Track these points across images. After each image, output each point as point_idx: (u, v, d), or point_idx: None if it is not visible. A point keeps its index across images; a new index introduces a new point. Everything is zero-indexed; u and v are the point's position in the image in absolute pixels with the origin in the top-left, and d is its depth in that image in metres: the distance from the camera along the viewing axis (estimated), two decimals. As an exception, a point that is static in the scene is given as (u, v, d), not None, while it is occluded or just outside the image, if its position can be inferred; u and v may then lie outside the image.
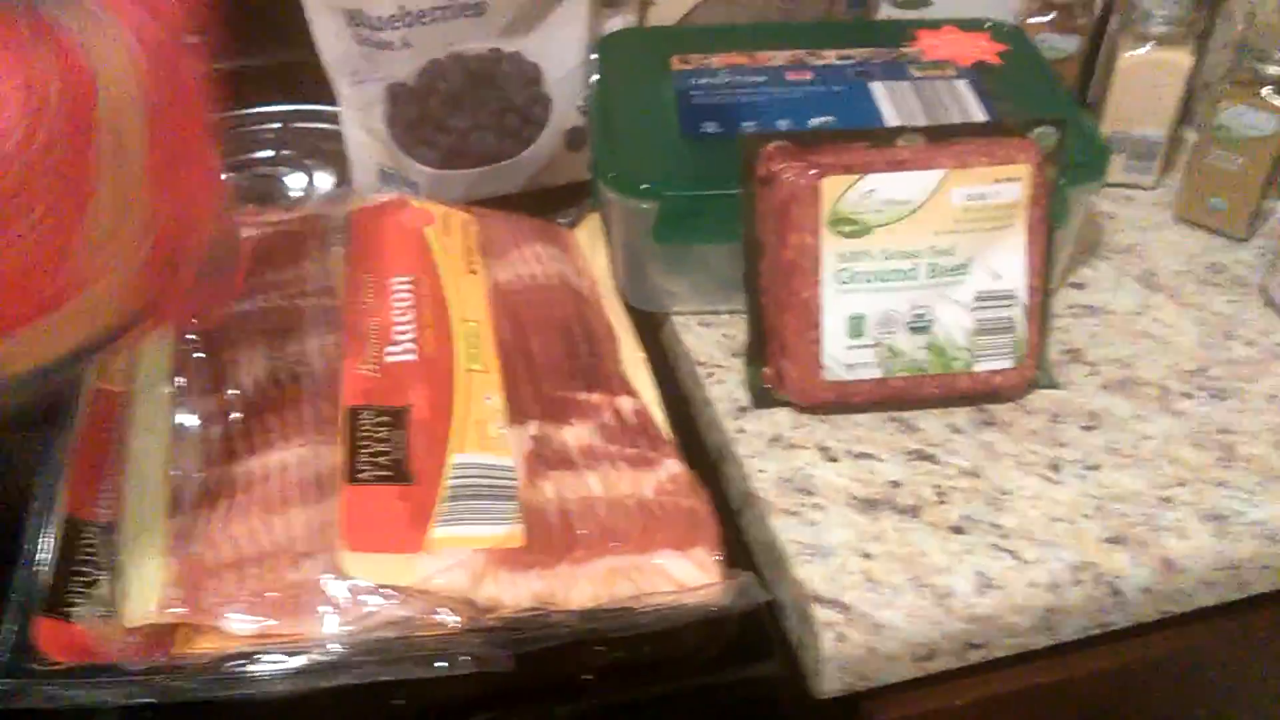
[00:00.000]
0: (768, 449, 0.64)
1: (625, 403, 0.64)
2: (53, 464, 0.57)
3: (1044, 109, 0.72)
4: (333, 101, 0.78)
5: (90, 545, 0.53)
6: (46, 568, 0.52)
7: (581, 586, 0.53)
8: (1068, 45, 0.84)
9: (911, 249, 0.63)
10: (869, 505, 0.60)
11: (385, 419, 0.57)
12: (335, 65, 0.75)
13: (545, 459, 0.58)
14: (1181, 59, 0.80)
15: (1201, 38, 0.84)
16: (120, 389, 0.60)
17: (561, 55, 0.79)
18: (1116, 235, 0.81)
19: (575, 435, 0.61)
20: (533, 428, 0.60)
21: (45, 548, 0.53)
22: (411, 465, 0.55)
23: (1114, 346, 0.71)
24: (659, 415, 0.64)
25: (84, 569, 0.52)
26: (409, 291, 0.63)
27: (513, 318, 0.65)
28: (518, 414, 0.60)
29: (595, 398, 0.63)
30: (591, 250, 0.75)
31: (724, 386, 0.68)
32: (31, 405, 0.54)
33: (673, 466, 0.60)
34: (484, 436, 0.57)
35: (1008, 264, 0.64)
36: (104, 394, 0.60)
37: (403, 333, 0.61)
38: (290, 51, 0.77)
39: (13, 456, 0.61)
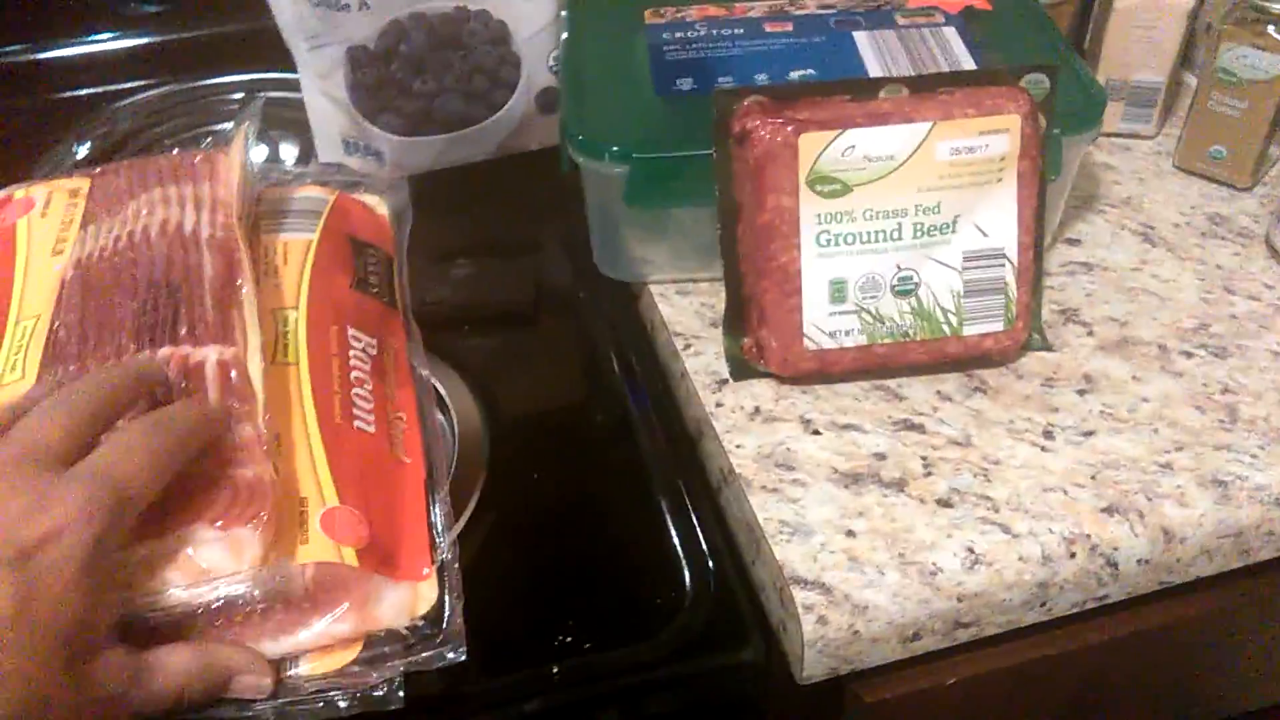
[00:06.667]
0: (748, 423, 0.61)
1: (204, 355, 0.52)
2: None
3: (1036, 56, 0.69)
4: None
5: None
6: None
7: None
8: (1061, -12, 0.80)
9: (895, 207, 0.59)
10: (852, 479, 0.57)
11: None
12: (291, 29, 0.72)
13: None
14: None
15: (1202, -24, 0.80)
16: None
17: (531, 12, 0.75)
18: (1114, 187, 0.77)
19: None
20: None
21: None
22: None
23: (1111, 305, 0.68)
24: (255, 368, 0.52)
25: None
26: None
27: (84, 294, 0.56)
28: None
29: (162, 354, 0.52)
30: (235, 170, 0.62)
31: (702, 359, 0.65)
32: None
33: (245, 431, 0.50)
34: None
35: (997, 221, 0.60)
36: None
37: None
38: (254, 17, 0.73)
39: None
